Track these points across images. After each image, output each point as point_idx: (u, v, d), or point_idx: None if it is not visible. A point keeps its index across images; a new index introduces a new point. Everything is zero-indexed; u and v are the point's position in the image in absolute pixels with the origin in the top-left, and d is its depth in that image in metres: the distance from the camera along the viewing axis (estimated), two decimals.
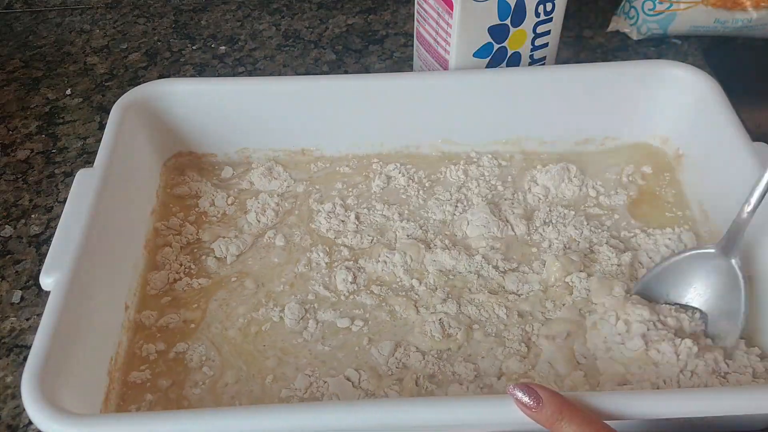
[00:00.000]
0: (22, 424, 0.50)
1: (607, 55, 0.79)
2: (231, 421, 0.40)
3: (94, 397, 0.46)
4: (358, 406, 0.41)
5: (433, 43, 0.66)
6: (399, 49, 0.80)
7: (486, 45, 0.64)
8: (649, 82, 0.62)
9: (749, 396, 0.41)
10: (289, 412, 0.41)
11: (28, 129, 0.72)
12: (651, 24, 0.76)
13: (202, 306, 0.54)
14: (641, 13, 0.76)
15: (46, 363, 0.42)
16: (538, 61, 0.68)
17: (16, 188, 0.66)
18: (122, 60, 0.80)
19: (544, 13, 0.64)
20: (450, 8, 0.61)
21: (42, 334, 0.43)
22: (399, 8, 0.86)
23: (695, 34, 0.78)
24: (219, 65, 0.79)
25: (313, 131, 0.64)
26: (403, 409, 0.40)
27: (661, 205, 0.61)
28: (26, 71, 0.79)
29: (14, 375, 0.53)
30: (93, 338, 0.48)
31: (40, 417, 0.40)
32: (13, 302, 0.57)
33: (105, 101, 0.75)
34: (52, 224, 0.62)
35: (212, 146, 0.64)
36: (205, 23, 0.85)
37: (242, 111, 0.62)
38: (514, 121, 0.64)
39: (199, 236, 0.59)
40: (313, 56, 0.80)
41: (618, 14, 0.80)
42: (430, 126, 0.64)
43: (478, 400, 0.43)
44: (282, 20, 0.85)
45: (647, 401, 0.40)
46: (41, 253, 0.60)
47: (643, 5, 0.75)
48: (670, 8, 0.74)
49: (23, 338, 0.55)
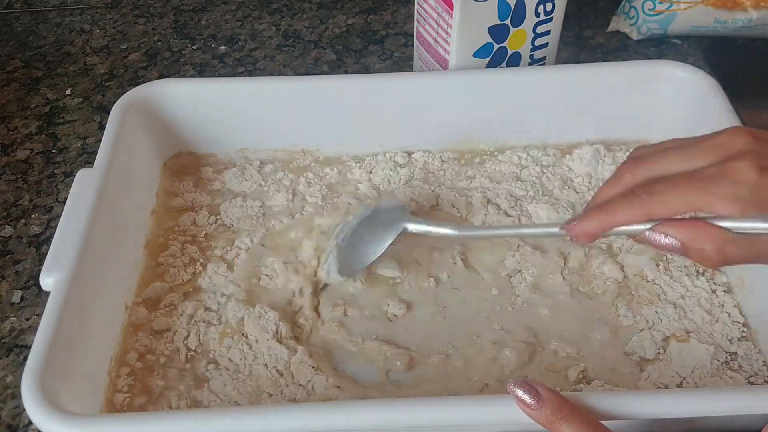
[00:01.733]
0: (22, 424, 0.50)
1: (607, 55, 0.79)
2: (231, 421, 0.40)
3: (94, 397, 0.46)
4: (357, 406, 0.41)
5: (433, 43, 0.66)
6: (399, 49, 0.80)
7: (486, 45, 0.64)
8: (649, 82, 0.62)
9: (749, 396, 0.41)
10: (290, 411, 0.41)
11: (28, 129, 0.72)
12: (651, 24, 0.76)
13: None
14: (641, 13, 0.76)
15: (46, 363, 0.42)
16: (538, 61, 0.68)
17: (16, 188, 0.66)
18: (122, 60, 0.80)
19: (544, 13, 0.64)
20: (450, 8, 0.61)
21: (42, 334, 0.43)
22: (399, 8, 0.86)
23: (695, 34, 0.78)
24: (219, 65, 0.79)
25: (313, 131, 0.64)
26: (403, 409, 0.40)
27: None
28: (26, 71, 0.79)
29: (14, 375, 0.53)
30: (93, 338, 0.48)
31: (40, 417, 0.40)
32: (13, 302, 0.57)
33: (105, 101, 0.75)
34: (52, 224, 0.62)
35: (212, 146, 0.64)
36: (205, 23, 0.85)
37: (242, 111, 0.62)
38: (514, 122, 0.64)
39: (199, 235, 0.59)
40: (313, 56, 0.80)
41: (618, 14, 0.80)
42: (429, 126, 0.64)
43: (478, 400, 0.43)
44: (282, 20, 0.85)
45: (646, 401, 0.40)
46: (41, 253, 0.60)
47: (643, 5, 0.75)
48: (670, 8, 0.74)
49: (23, 338, 0.55)
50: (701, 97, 0.60)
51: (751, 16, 0.74)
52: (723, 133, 0.41)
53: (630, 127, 0.65)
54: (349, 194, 0.61)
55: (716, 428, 0.46)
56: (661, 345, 0.51)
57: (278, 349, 0.50)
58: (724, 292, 0.54)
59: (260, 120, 0.63)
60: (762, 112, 0.72)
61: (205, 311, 0.53)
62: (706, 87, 0.60)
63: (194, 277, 0.56)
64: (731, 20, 0.75)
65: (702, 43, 0.78)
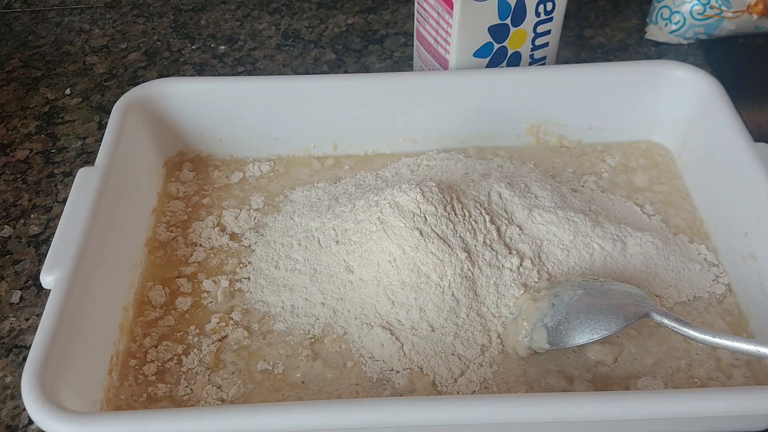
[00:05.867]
0: (22, 424, 0.50)
1: (608, 55, 0.79)
2: (231, 420, 0.40)
3: (94, 395, 0.46)
4: (357, 405, 0.41)
5: (433, 43, 0.66)
6: (399, 49, 0.80)
7: (486, 45, 0.64)
8: (650, 82, 0.62)
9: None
10: (290, 411, 0.40)
11: (27, 129, 0.72)
12: (698, 28, 0.76)
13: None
14: (689, 18, 0.76)
15: (46, 361, 0.42)
16: (539, 61, 0.68)
17: (15, 188, 0.66)
18: (122, 60, 0.80)
19: (545, 12, 0.64)
20: (450, 8, 0.61)
21: (42, 332, 0.43)
22: (399, 8, 0.86)
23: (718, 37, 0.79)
24: (219, 65, 0.79)
25: (312, 130, 0.64)
26: (403, 409, 0.40)
27: None
28: (25, 71, 0.79)
29: (14, 375, 0.53)
30: (93, 336, 0.47)
31: (40, 415, 0.39)
32: (12, 302, 0.57)
33: (104, 101, 0.75)
34: (52, 224, 0.62)
35: (212, 146, 0.64)
36: (204, 23, 0.85)
37: (242, 110, 0.62)
38: (514, 122, 0.64)
39: (200, 236, 0.59)
40: (312, 56, 0.80)
41: (653, 22, 0.79)
42: (429, 125, 0.64)
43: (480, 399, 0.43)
44: (282, 20, 0.85)
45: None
46: (40, 253, 0.60)
47: (692, 9, 0.75)
48: (720, 14, 0.75)
49: (22, 338, 0.55)
50: (703, 98, 0.60)
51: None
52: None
53: (631, 127, 0.65)
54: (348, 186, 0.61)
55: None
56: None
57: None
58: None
59: (260, 119, 0.63)
60: (762, 112, 0.71)
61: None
62: (707, 87, 0.59)
63: (195, 276, 0.56)
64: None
65: (703, 43, 0.78)
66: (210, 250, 0.57)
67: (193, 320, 0.53)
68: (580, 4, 0.85)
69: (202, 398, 0.48)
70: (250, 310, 0.53)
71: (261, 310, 0.53)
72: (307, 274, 0.54)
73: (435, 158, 0.63)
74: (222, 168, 0.64)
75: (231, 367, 0.50)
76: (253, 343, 0.51)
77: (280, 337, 0.52)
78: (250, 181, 0.63)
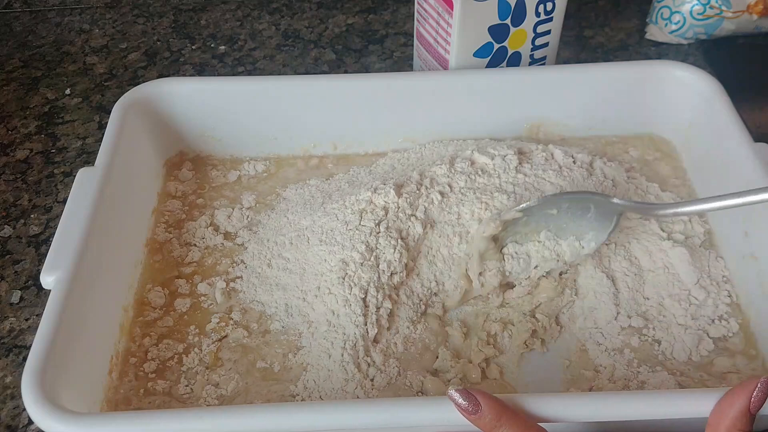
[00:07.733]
0: (22, 424, 0.50)
1: (608, 55, 0.79)
2: (231, 420, 0.40)
3: (94, 396, 0.46)
4: (356, 405, 0.41)
5: (433, 43, 0.66)
6: (399, 49, 0.80)
7: (486, 45, 0.64)
8: (650, 82, 0.62)
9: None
10: (290, 411, 0.40)
11: (27, 129, 0.72)
12: (698, 28, 0.76)
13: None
14: (689, 18, 0.76)
15: (46, 361, 0.42)
16: (539, 61, 0.68)
17: (15, 188, 0.66)
18: (122, 60, 0.80)
19: (545, 12, 0.64)
20: (450, 8, 0.61)
21: (42, 332, 0.43)
22: (399, 8, 0.86)
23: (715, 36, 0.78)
24: (219, 65, 0.79)
25: (312, 130, 0.64)
26: (402, 409, 0.40)
27: None
28: (25, 71, 0.79)
29: (13, 375, 0.53)
30: (93, 336, 0.47)
31: (40, 415, 0.39)
32: (12, 302, 0.57)
33: (104, 101, 0.75)
34: (52, 224, 0.62)
35: (212, 146, 0.64)
36: (204, 23, 0.85)
37: (242, 110, 0.62)
38: (514, 122, 0.64)
39: (200, 236, 0.59)
40: (312, 56, 0.80)
41: (653, 22, 0.79)
42: (429, 125, 0.64)
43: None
44: (282, 20, 0.85)
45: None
46: (40, 254, 0.60)
47: (692, 9, 0.75)
48: (720, 13, 0.75)
49: (22, 338, 0.55)
50: (703, 98, 0.60)
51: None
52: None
53: (631, 127, 0.65)
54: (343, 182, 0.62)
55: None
56: None
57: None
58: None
59: (260, 119, 0.63)
60: (762, 112, 0.71)
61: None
62: (707, 87, 0.59)
63: (195, 276, 0.56)
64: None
65: (703, 43, 0.78)
66: (205, 250, 0.57)
67: (192, 320, 0.53)
68: (580, 4, 0.85)
69: (201, 397, 0.48)
70: (247, 309, 0.53)
71: (257, 309, 0.53)
72: (297, 273, 0.54)
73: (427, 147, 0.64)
74: (220, 167, 0.64)
75: (228, 364, 0.50)
76: (252, 342, 0.51)
77: (276, 336, 0.52)
78: (243, 181, 0.63)
